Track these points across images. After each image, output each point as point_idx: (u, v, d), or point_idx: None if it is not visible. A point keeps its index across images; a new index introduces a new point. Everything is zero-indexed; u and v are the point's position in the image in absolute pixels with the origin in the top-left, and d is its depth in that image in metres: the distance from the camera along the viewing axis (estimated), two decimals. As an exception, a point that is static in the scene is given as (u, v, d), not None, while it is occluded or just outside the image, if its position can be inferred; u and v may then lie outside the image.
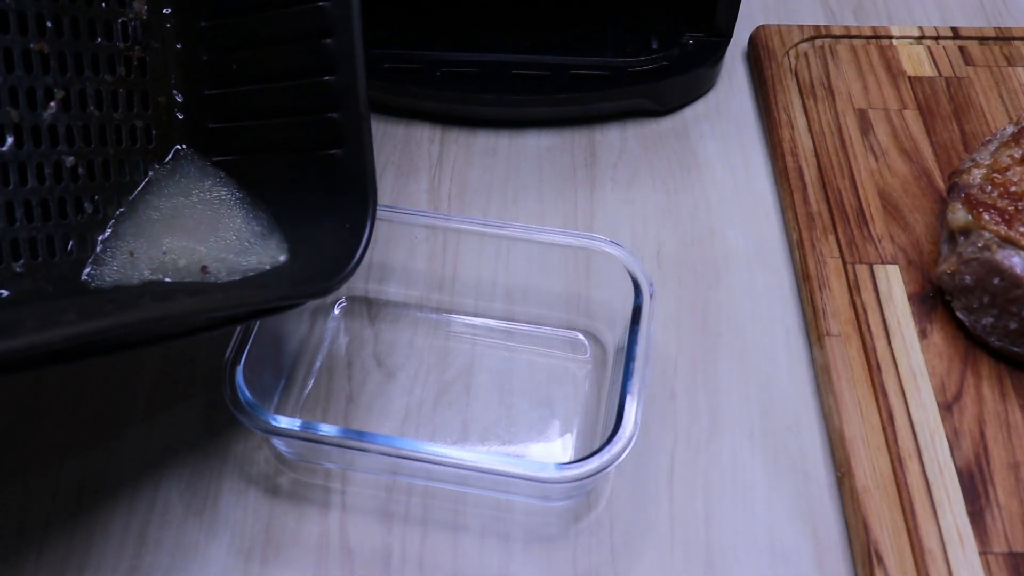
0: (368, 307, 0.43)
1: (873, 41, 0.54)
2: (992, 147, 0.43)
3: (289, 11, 0.35)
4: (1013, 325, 0.38)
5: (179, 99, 0.38)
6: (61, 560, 0.35)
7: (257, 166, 0.38)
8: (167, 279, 0.34)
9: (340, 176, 0.36)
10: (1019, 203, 0.39)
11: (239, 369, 0.34)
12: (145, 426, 0.39)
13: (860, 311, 0.41)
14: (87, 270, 0.34)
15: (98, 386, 0.40)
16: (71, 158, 0.33)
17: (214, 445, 0.38)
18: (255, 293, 0.32)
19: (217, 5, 0.37)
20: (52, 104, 0.32)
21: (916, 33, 0.55)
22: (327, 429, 0.33)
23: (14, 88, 0.31)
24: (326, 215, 0.36)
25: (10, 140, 0.31)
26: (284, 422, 0.33)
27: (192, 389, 0.40)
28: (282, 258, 0.35)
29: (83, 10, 0.34)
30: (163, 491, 0.37)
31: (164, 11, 0.37)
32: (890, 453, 0.37)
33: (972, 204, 0.39)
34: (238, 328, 0.35)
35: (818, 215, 0.45)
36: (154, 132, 0.37)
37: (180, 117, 0.38)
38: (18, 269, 0.31)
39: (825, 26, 0.55)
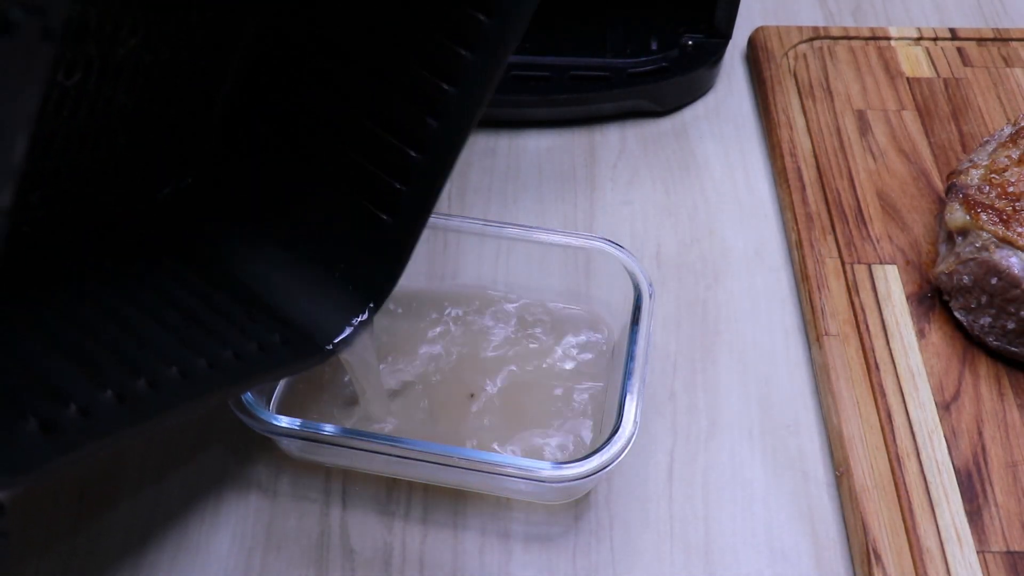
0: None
1: (871, 42, 0.55)
2: (990, 148, 0.43)
3: (411, 70, 0.32)
4: (1011, 325, 0.38)
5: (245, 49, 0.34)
6: (63, 560, 0.35)
7: (298, 178, 0.35)
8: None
9: (375, 239, 0.34)
10: (1017, 203, 0.39)
11: (240, 369, 0.34)
12: (146, 426, 0.39)
13: (859, 311, 0.42)
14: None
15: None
16: (126, 97, 0.31)
17: (215, 444, 0.38)
18: (261, 375, 0.31)
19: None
20: (132, 42, 0.30)
21: (914, 34, 0.55)
22: (327, 428, 0.33)
23: (103, 21, 0.29)
24: (343, 265, 0.34)
25: (78, 76, 0.29)
26: (285, 421, 0.34)
27: (193, 389, 0.40)
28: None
29: None
30: (164, 490, 0.37)
31: None
32: (888, 452, 0.37)
33: (970, 204, 0.39)
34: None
35: (817, 215, 0.46)
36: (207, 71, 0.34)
37: (237, 68, 0.35)
38: (34, 200, 0.30)
39: (824, 27, 0.55)
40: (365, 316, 0.34)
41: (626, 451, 0.32)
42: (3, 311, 0.28)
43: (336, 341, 0.33)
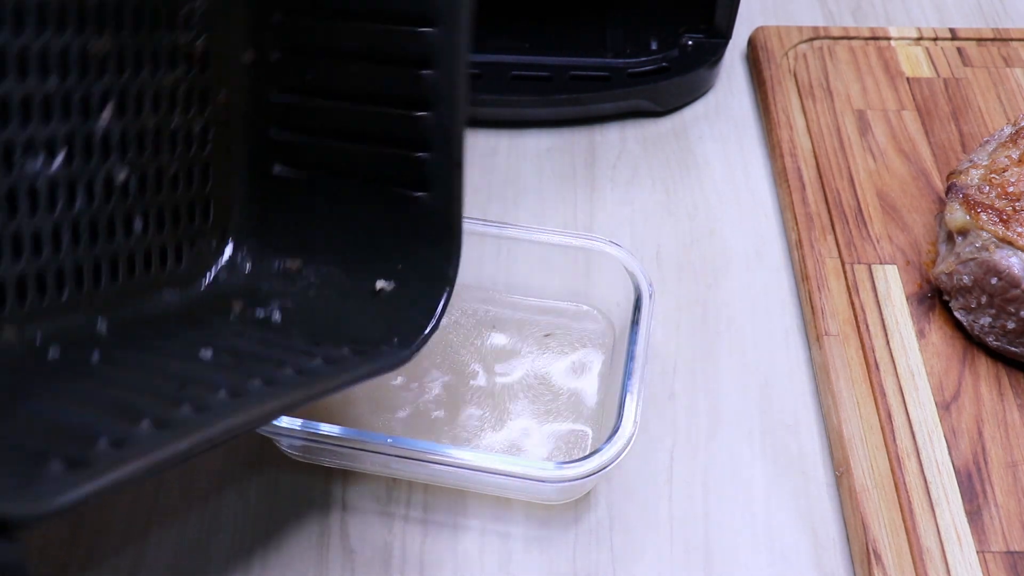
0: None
1: (871, 42, 0.55)
2: (990, 148, 0.43)
3: (384, 28, 0.30)
4: (1011, 325, 0.38)
5: (241, 97, 0.33)
6: (63, 560, 0.35)
7: (322, 191, 0.34)
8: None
9: (420, 222, 0.32)
10: (1017, 203, 0.39)
11: (240, 369, 0.34)
12: (146, 426, 0.39)
13: (859, 311, 0.42)
14: (168, 296, 0.32)
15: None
16: (123, 171, 0.30)
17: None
18: (329, 383, 0.28)
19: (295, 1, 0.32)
20: (106, 111, 0.29)
21: (914, 34, 0.55)
22: (328, 428, 0.33)
23: (69, 95, 0.27)
24: (399, 262, 0.32)
25: (61, 156, 0.27)
26: (285, 421, 0.34)
27: (193, 389, 0.40)
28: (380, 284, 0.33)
29: None
30: (164, 490, 0.37)
31: None
32: (888, 452, 0.37)
33: (970, 204, 0.39)
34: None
35: (817, 215, 0.46)
36: (211, 132, 0.33)
37: (240, 119, 0.34)
38: (64, 299, 0.28)
39: (824, 27, 0.55)
40: (443, 303, 0.32)
41: (626, 451, 0.32)
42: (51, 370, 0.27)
43: (418, 341, 0.31)
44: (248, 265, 0.34)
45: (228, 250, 0.34)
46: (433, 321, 0.31)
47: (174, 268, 0.33)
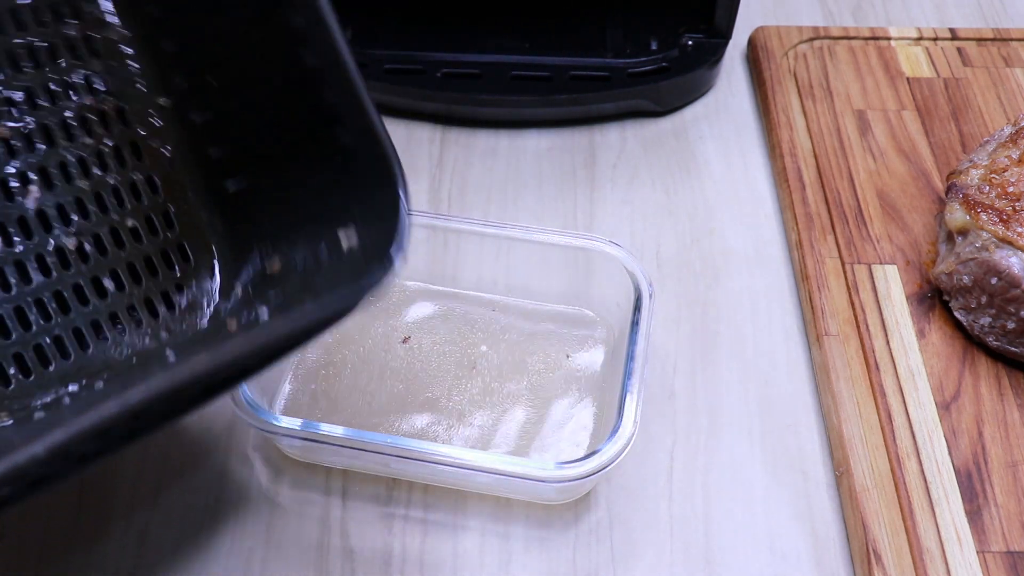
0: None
1: (871, 42, 0.55)
2: (990, 148, 0.43)
3: (251, 5, 0.30)
4: (1011, 325, 0.38)
5: (174, 136, 0.34)
6: (62, 561, 0.35)
7: (271, 183, 0.34)
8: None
9: (355, 159, 0.31)
10: (1017, 203, 0.39)
11: (240, 369, 0.34)
12: (146, 426, 0.39)
13: (858, 311, 0.42)
14: (169, 343, 0.32)
15: (99, 386, 0.40)
16: (71, 239, 0.30)
17: (215, 444, 0.38)
18: (280, 328, 0.27)
19: (175, 23, 0.33)
20: (32, 187, 0.29)
21: (914, 34, 0.55)
22: (328, 429, 0.33)
23: None
24: (353, 208, 0.31)
25: None
26: (285, 421, 0.34)
27: (193, 389, 0.40)
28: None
29: (36, 75, 0.30)
30: (164, 491, 0.37)
31: (124, 51, 0.33)
32: (888, 452, 0.37)
33: (970, 204, 0.39)
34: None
35: (817, 215, 0.46)
36: (157, 180, 0.33)
37: (177, 156, 0.34)
38: (51, 370, 0.29)
39: (824, 27, 0.55)
40: (404, 213, 0.29)
41: (626, 451, 0.32)
42: None
43: (389, 258, 0.29)
44: (239, 288, 0.34)
45: (217, 284, 0.35)
46: (400, 234, 0.29)
47: (168, 316, 0.33)
